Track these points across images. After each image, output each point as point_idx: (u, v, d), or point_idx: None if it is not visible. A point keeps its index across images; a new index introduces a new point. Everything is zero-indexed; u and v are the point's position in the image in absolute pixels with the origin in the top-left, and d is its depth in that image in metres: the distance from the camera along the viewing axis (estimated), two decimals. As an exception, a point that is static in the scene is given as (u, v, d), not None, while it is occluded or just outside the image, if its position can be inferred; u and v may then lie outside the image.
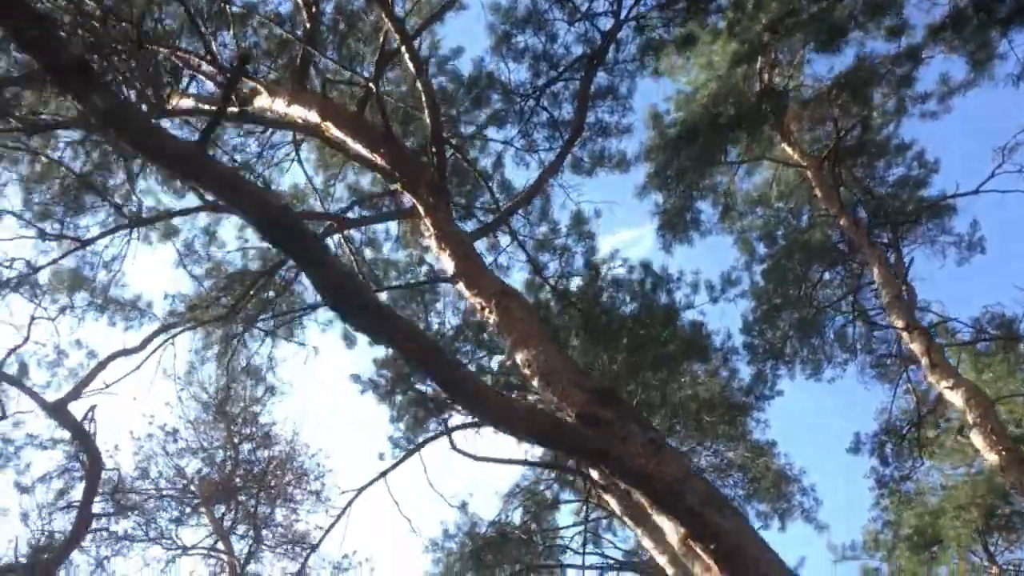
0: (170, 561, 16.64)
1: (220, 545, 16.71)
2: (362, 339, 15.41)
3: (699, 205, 13.87)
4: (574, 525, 17.00)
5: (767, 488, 17.33)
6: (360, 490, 11.66)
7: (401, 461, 11.84)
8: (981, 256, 15.72)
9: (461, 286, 7.06)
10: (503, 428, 4.83)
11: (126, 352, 11.86)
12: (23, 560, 12.20)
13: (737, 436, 17.15)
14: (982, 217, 15.30)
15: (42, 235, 9.15)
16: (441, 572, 14.76)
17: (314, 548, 12.87)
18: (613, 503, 12.97)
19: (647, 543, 12.09)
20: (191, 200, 10.77)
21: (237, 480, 15.49)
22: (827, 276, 17.40)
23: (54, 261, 9.59)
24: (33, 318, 12.23)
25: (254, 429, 16.47)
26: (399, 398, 16.15)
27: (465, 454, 11.72)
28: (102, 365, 11.46)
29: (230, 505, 15.56)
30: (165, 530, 15.35)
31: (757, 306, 16.78)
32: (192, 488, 15.60)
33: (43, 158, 9.00)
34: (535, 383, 5.85)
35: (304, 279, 13.22)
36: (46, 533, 12.08)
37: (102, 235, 9.46)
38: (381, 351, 15.30)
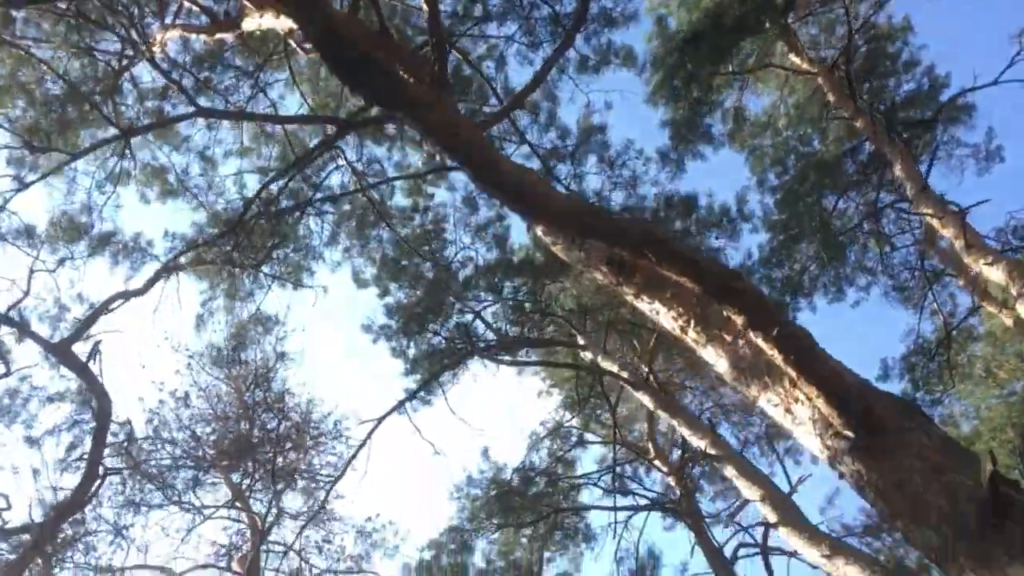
0: (190, 528, 16.28)
1: (238, 512, 16.31)
2: (372, 286, 15.10)
3: (708, 120, 13.42)
4: (602, 471, 16.60)
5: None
6: (380, 419, 11.28)
7: (421, 388, 11.43)
8: (1001, 165, 15.34)
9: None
10: (538, 215, 4.41)
11: (128, 294, 11.49)
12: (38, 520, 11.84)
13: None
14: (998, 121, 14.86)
15: (30, 147, 8.75)
16: (466, 518, 14.32)
17: (337, 479, 12.47)
18: (646, 399, 12.55)
19: (685, 431, 11.70)
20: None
21: (254, 439, 15.04)
22: (842, 204, 16.97)
23: (43, 177, 9.16)
24: (32, 271, 11.91)
25: (268, 394, 16.04)
26: (412, 349, 15.81)
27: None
28: (105, 305, 11.10)
29: (246, 464, 15.13)
30: (183, 492, 14.95)
31: (773, 237, 16.37)
32: (206, 451, 15.16)
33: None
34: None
35: (310, 218, 12.89)
36: (57, 489, 11.72)
37: (92, 147, 9.05)
38: (393, 296, 14.98)
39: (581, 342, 14.56)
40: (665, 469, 16.73)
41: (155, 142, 10.49)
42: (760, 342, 4.40)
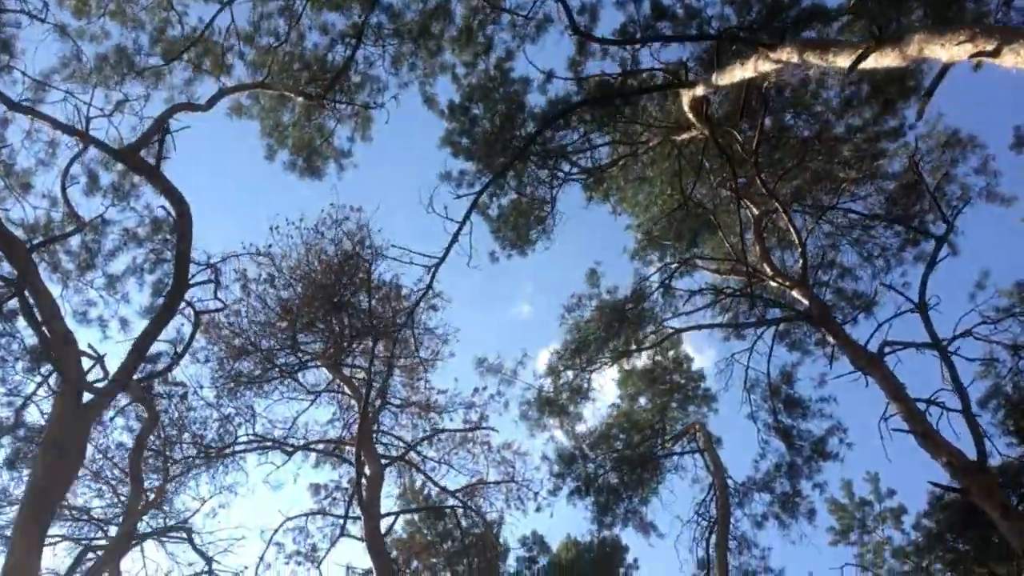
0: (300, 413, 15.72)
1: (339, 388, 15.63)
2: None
3: None
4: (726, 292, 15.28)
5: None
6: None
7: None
8: None
9: None
10: None
11: (191, 107, 10.74)
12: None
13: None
14: None
15: None
16: (577, 340, 13.19)
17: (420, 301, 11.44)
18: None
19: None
20: None
21: (341, 296, 14.22)
22: None
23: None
24: (88, 119, 11.24)
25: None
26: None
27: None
28: (169, 114, 10.35)
29: (340, 319, 14.37)
30: (284, 369, 14.31)
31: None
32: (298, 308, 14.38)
33: None
34: None
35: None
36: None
37: None
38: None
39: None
40: (787, 283, 15.27)
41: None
42: None
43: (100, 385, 8.96)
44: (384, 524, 13.62)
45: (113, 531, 16.96)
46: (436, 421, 16.85)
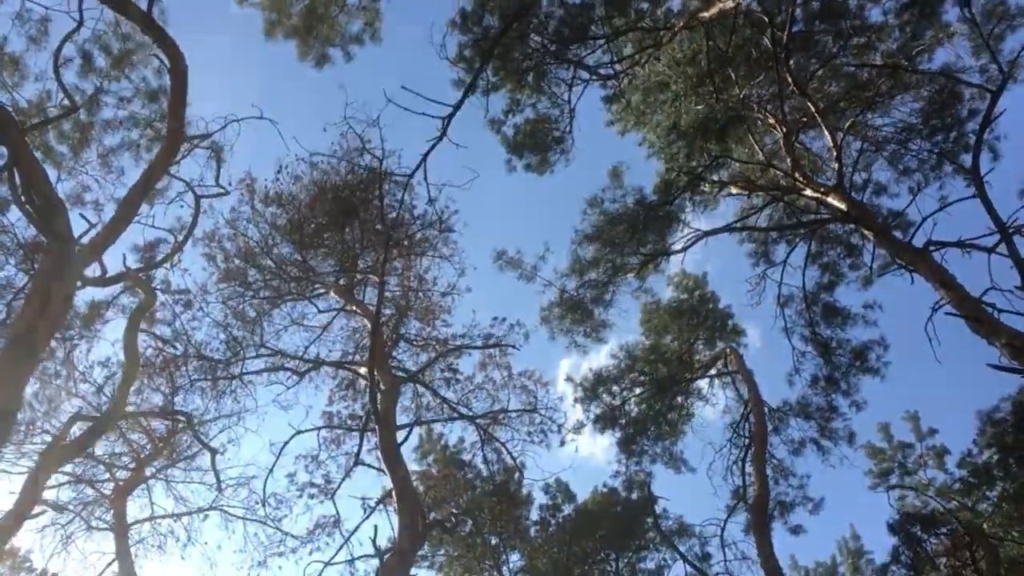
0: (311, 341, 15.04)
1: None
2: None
3: None
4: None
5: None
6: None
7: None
8: None
9: None
10: None
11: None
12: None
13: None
14: None
15: None
16: (600, 232, 12.38)
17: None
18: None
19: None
20: None
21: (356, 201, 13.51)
22: None
23: None
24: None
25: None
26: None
27: None
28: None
29: (352, 227, 13.66)
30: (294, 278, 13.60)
31: None
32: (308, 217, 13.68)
33: None
34: None
35: None
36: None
37: None
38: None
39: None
40: (822, 191, 14.43)
41: None
42: None
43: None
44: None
45: (120, 474, 16.48)
46: (453, 358, 16.14)
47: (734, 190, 16.14)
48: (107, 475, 16.14)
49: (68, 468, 16.13)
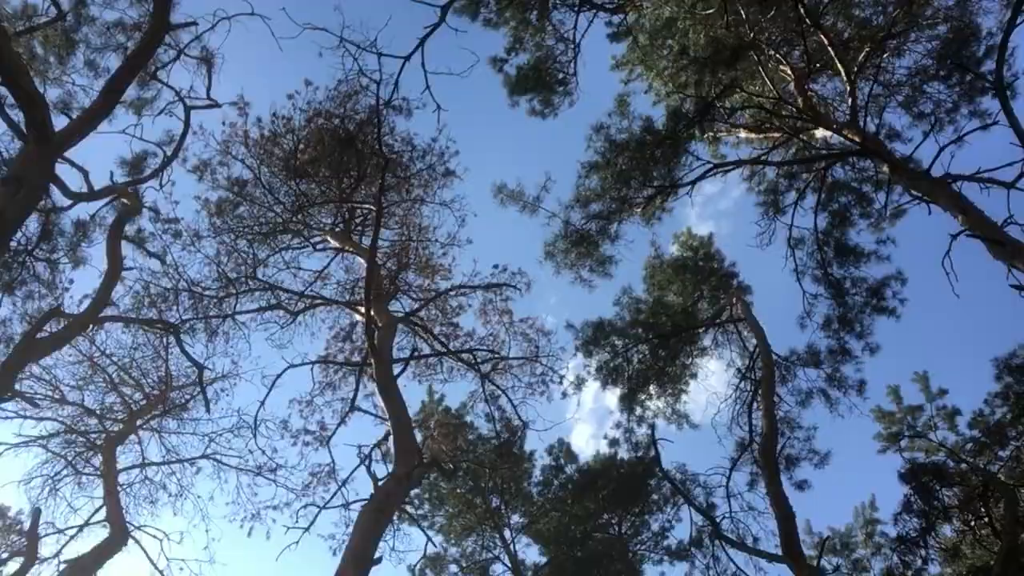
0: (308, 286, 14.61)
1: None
2: None
3: None
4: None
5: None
6: None
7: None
8: None
9: None
10: None
11: None
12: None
13: None
14: None
15: None
16: (606, 160, 11.92)
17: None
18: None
19: None
20: None
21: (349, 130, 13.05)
22: None
23: None
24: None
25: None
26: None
27: None
28: None
29: (348, 159, 13.21)
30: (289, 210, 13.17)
31: None
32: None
33: None
34: None
35: None
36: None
37: None
38: None
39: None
40: (835, 126, 13.98)
41: None
42: None
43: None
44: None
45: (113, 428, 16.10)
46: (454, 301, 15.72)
47: (743, 133, 15.73)
48: (99, 427, 15.82)
49: (63, 413, 15.92)
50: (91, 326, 10.59)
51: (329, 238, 15.23)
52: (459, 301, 15.73)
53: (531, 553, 20.13)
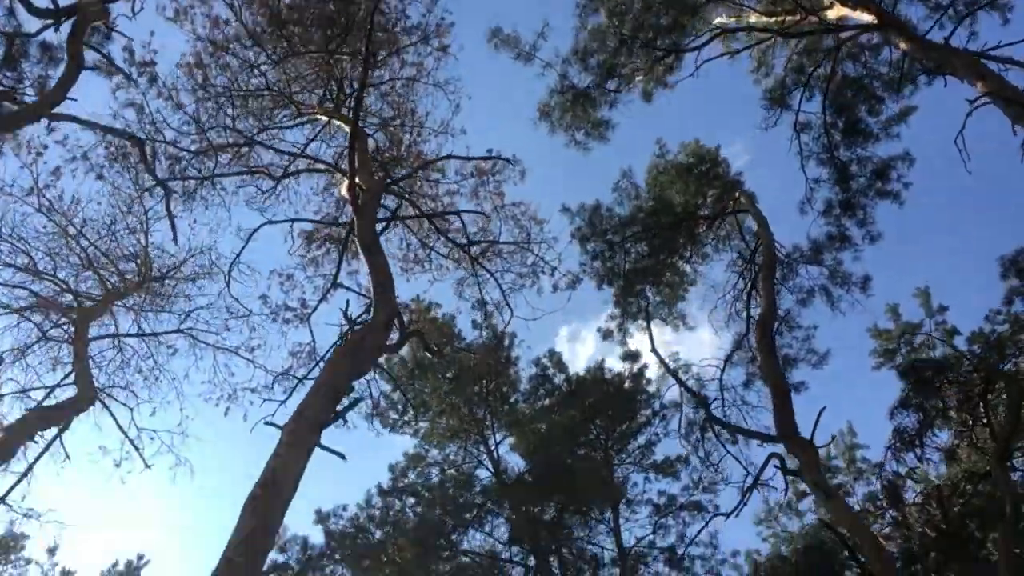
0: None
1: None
2: None
3: None
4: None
5: None
6: None
7: None
8: None
9: None
10: None
11: None
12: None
13: None
14: None
15: None
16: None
17: None
18: None
19: None
20: None
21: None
22: None
23: None
24: None
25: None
26: None
27: None
28: None
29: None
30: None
31: None
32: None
33: None
34: None
35: None
36: None
37: None
38: None
39: None
40: (849, 4, 13.28)
41: None
42: None
43: None
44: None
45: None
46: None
47: (753, 18, 15.04)
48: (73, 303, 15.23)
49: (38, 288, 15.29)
50: (46, 120, 9.89)
51: (316, 112, 14.52)
52: (449, 188, 15.14)
53: (515, 459, 19.74)
